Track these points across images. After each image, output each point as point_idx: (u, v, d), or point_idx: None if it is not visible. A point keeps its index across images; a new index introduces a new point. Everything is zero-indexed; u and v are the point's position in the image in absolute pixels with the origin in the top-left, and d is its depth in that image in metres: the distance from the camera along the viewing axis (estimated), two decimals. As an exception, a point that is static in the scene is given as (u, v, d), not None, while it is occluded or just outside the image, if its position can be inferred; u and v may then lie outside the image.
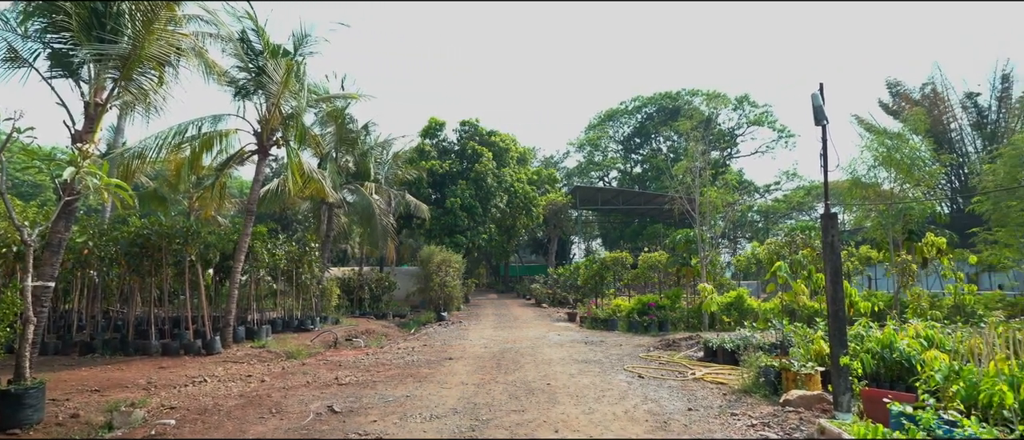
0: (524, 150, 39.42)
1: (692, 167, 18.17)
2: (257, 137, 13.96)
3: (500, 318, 21.98)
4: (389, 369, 10.47)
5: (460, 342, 14.56)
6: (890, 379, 7.25)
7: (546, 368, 10.35)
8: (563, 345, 13.64)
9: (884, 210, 14.24)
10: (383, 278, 23.97)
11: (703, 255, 17.63)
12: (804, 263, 13.88)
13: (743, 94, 46.62)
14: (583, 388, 8.53)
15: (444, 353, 12.55)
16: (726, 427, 6.39)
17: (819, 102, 6.65)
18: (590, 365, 10.65)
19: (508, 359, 11.51)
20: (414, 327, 18.88)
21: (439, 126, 33.75)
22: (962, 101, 34.26)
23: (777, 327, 10.11)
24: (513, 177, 34.36)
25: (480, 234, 31.37)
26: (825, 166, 6.67)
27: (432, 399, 7.89)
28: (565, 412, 7.09)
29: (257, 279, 15.44)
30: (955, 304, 13.61)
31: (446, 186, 31.29)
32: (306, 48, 14.65)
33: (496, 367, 10.55)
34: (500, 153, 33.67)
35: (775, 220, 40.17)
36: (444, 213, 30.03)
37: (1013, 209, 15.01)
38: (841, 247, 10.51)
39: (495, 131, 34.55)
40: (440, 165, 31.10)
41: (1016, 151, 15.80)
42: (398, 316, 21.95)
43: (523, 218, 36.20)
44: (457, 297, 24.82)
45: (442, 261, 23.78)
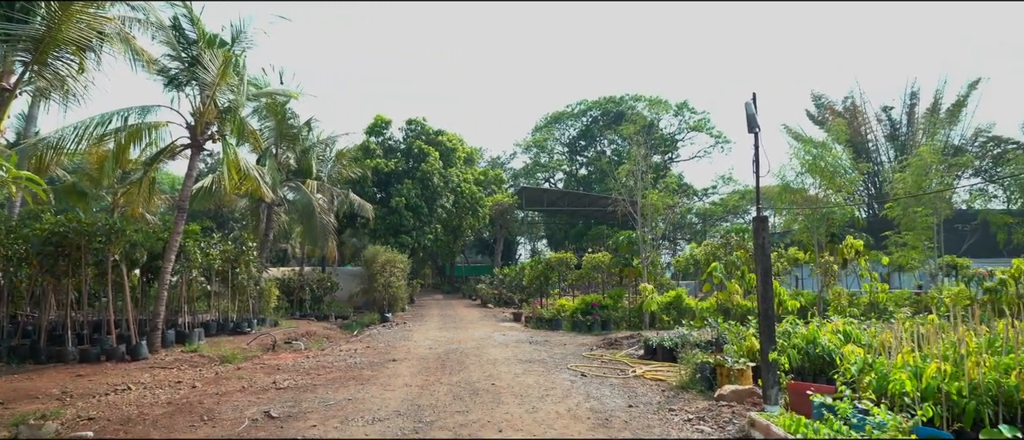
0: (471, 150, 39.35)
1: (635, 170, 18.70)
2: (190, 131, 13.28)
3: (445, 318, 21.86)
4: (330, 372, 10.21)
5: (404, 343, 14.39)
6: (814, 372, 7.73)
7: (491, 368, 10.39)
8: (508, 345, 13.72)
9: (810, 214, 15.17)
10: (325, 278, 23.32)
11: (644, 256, 18.18)
12: (738, 264, 14.56)
13: (683, 101, 48.35)
14: (527, 387, 8.62)
15: (388, 354, 12.36)
16: (664, 422, 6.63)
17: (752, 111, 7.01)
18: (534, 364, 10.77)
19: (453, 360, 11.47)
20: (357, 328, 18.48)
21: (385, 124, 33.18)
22: (877, 114, 36.99)
23: (712, 325, 10.57)
24: (460, 177, 34.24)
25: (426, 234, 31.07)
26: (757, 172, 7.03)
27: (375, 401, 7.76)
28: (509, 412, 7.14)
29: (189, 280, 14.67)
30: (870, 302, 14.65)
31: (392, 185, 30.79)
32: (244, 40, 14.07)
33: (441, 368, 10.49)
34: (447, 153, 33.48)
35: (712, 222, 41.90)
36: (389, 212, 29.55)
37: (919, 215, 16.34)
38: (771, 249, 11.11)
39: (442, 131, 34.32)
40: (385, 164, 30.59)
41: (921, 162, 17.21)
42: (341, 317, 21.42)
43: (469, 218, 36.13)
44: (402, 298, 24.48)
45: (387, 261, 23.39)
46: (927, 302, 13.22)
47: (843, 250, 14.64)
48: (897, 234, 17.70)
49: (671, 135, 49.10)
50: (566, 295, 22.40)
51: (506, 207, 39.69)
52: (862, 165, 18.87)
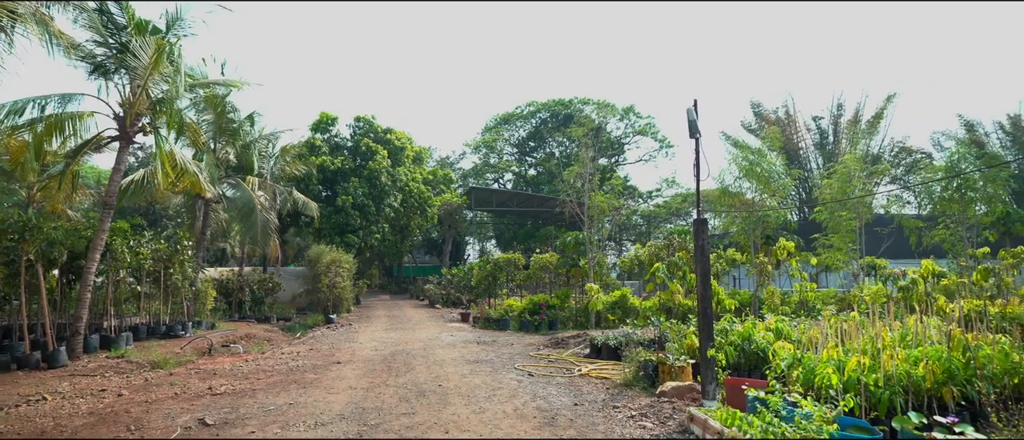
0: (420, 149, 38.93)
1: (582, 172, 19.02)
2: (119, 122, 12.51)
3: (392, 320, 21.53)
4: (271, 376, 9.87)
5: (350, 345, 14.08)
6: (749, 368, 8.12)
7: (438, 369, 10.32)
8: (456, 346, 13.67)
9: (747, 217, 15.90)
10: (266, 279, 22.48)
11: (591, 256, 18.52)
12: (680, 264, 15.08)
13: (630, 105, 49.52)
14: (474, 388, 8.62)
15: (332, 357, 12.06)
16: (608, 419, 6.79)
17: (693, 117, 7.28)
18: (482, 365, 10.78)
19: (399, 361, 11.33)
20: (300, 331, 17.92)
21: (331, 121, 32.35)
22: (807, 124, 39.19)
23: (655, 324, 10.90)
24: (408, 176, 33.81)
25: (373, 234, 30.50)
26: (697, 176, 7.31)
27: (318, 405, 7.56)
28: (456, 413, 7.13)
29: (116, 281, 13.80)
30: (800, 300, 15.51)
31: (338, 183, 30.05)
32: (181, 28, 13.38)
33: (387, 370, 10.34)
34: (395, 151, 32.99)
35: (656, 224, 43.16)
36: (335, 211, 28.82)
37: (843, 219, 17.44)
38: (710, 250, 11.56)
39: (391, 129, 33.79)
40: (331, 161, 29.82)
41: (846, 169, 18.38)
42: (283, 319, 20.72)
43: (418, 218, 35.73)
44: (347, 299, 23.94)
45: (332, 261, 22.81)
46: (850, 300, 14.10)
47: (777, 252, 15.42)
48: (824, 236, 18.80)
49: (618, 138, 50.20)
50: (514, 295, 22.52)
51: (455, 207, 39.50)
52: (794, 171, 20.00)
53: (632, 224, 44.72)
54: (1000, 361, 6.24)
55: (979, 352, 6.31)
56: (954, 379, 6.09)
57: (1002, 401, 5.33)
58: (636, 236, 43.68)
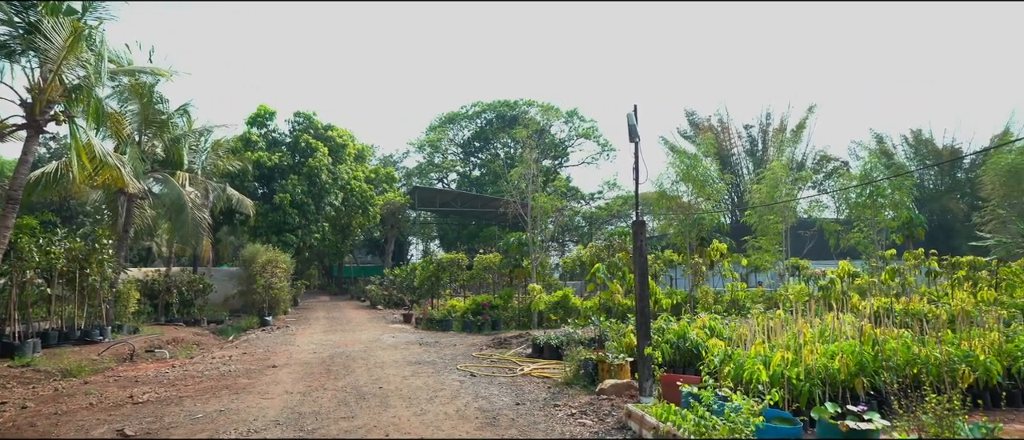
0: (362, 147, 38.08)
1: (526, 173, 19.20)
2: (26, 109, 11.53)
3: (332, 321, 20.96)
4: (200, 382, 9.39)
5: (286, 348, 13.59)
6: (684, 364, 8.45)
7: (379, 371, 10.14)
8: (397, 347, 13.48)
9: (683, 219, 16.55)
10: (196, 280, 21.34)
11: (534, 257, 18.72)
12: (620, 265, 15.49)
13: (573, 109, 50.35)
14: (416, 389, 8.53)
15: (267, 361, 11.61)
16: (549, 418, 6.89)
17: (633, 122, 7.50)
18: (424, 366, 10.68)
19: (339, 364, 11.05)
20: (233, 334, 17.13)
21: (269, 115, 31.10)
22: (739, 131, 41.21)
23: (595, 323, 11.14)
24: (350, 174, 33.00)
25: (312, 233, 29.56)
26: (636, 179, 7.55)
27: (251, 412, 7.27)
28: (397, 415, 7.03)
29: (22, 282, 12.69)
30: (732, 299, 16.28)
31: (276, 180, 28.92)
32: (101, 10, 12.49)
33: (325, 373, 10.06)
34: (337, 149, 32.11)
35: (598, 225, 44.08)
36: (272, 209, 27.74)
37: (771, 222, 18.48)
38: (649, 251, 11.90)
39: (332, 125, 32.87)
40: (269, 157, 28.67)
41: (773, 175, 19.49)
42: (214, 322, 19.73)
43: (359, 217, 34.94)
44: (285, 300, 23.09)
45: (268, 261, 21.94)
46: (776, 299, 14.94)
47: (710, 253, 16.13)
48: (754, 239, 19.85)
49: (562, 141, 50.94)
50: (458, 296, 22.43)
51: (398, 206, 38.90)
52: (727, 176, 21.02)
53: (575, 225, 45.49)
54: (903, 353, 6.80)
55: (885, 346, 6.84)
56: (865, 371, 6.59)
57: (903, 389, 5.80)
58: (579, 237, 44.45)
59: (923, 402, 4.50)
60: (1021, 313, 10.04)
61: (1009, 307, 10.64)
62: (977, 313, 8.90)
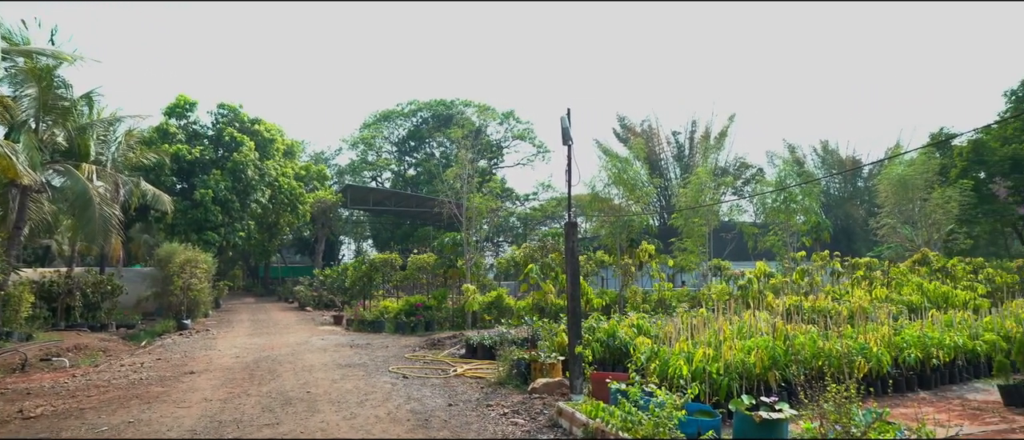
0: (292, 143, 36.64)
1: (462, 173, 19.17)
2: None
3: (257, 324, 20.03)
4: (106, 391, 8.72)
5: (206, 353, 12.87)
6: (613, 362, 8.73)
7: (307, 375, 9.81)
8: (327, 350, 13.09)
9: (615, 221, 17.08)
10: (104, 281, 19.74)
11: (469, 257, 18.72)
12: (553, 265, 15.78)
13: (510, 110, 50.70)
14: (346, 393, 8.33)
15: (184, 367, 10.95)
16: (482, 418, 6.92)
17: (566, 125, 7.68)
18: (354, 369, 10.43)
19: (264, 368, 10.59)
20: (146, 339, 16.00)
21: (190, 106, 29.28)
22: (668, 137, 43.03)
23: (528, 323, 11.30)
24: (278, 171, 31.65)
25: (237, 231, 28.11)
26: (569, 181, 7.74)
27: (165, 422, 6.84)
28: (325, 420, 6.84)
29: None
30: (659, 298, 16.97)
31: (196, 175, 27.27)
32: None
33: (249, 378, 9.61)
34: (264, 144, 30.70)
35: (533, 226, 44.62)
36: (193, 206, 26.14)
37: (696, 225, 19.44)
38: (581, 252, 12.19)
39: (259, 119, 31.40)
40: (189, 151, 26.99)
41: (698, 180, 20.52)
42: (125, 326, 18.34)
43: (288, 215, 33.58)
44: (205, 302, 21.81)
45: (187, 261, 20.65)
46: (700, 298, 15.72)
47: (640, 254, 16.73)
48: (680, 240, 20.77)
49: (497, 142, 51.16)
50: (391, 296, 22.05)
51: (329, 205, 37.72)
52: (655, 180, 21.90)
53: (510, 226, 45.83)
54: (810, 348, 7.35)
55: (795, 341, 7.38)
56: (777, 364, 7.08)
57: (809, 381, 6.28)
58: (513, 238, 44.81)
59: (825, 392, 4.89)
60: (907, 309, 11.10)
61: (898, 303, 11.74)
62: (872, 309, 9.76)
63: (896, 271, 16.77)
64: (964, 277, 16.42)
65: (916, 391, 7.97)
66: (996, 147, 26.11)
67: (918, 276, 16.10)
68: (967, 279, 16.17)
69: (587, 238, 28.09)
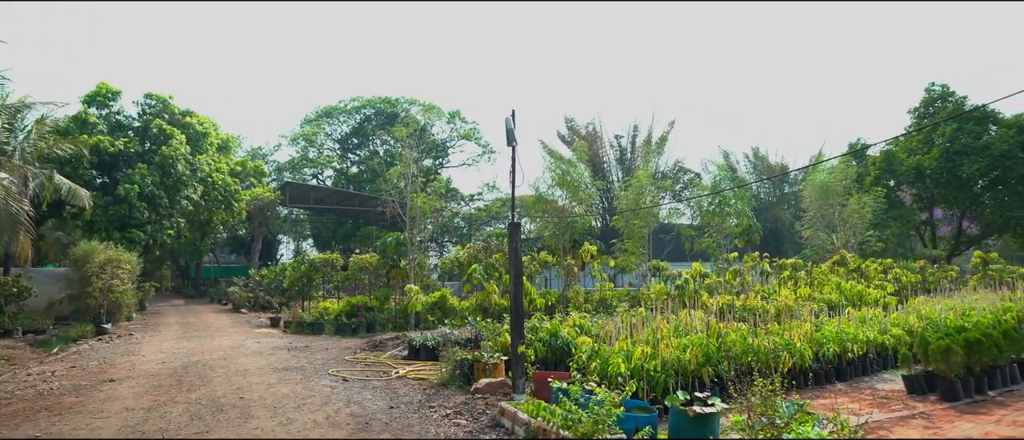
0: (227, 137, 34.97)
1: (406, 173, 18.93)
2: None
3: (187, 327, 19.01)
4: (9, 404, 8.04)
5: (128, 359, 12.10)
6: (556, 361, 8.86)
7: (240, 380, 9.41)
8: (263, 353, 12.60)
9: (558, 222, 17.35)
10: (9, 283, 18.16)
11: (412, 257, 18.50)
12: (496, 266, 15.84)
13: (456, 110, 50.41)
14: (282, 398, 8.05)
15: (103, 374, 10.25)
16: (424, 420, 6.87)
17: (511, 126, 7.74)
18: (292, 372, 10.10)
19: (193, 374, 10.07)
20: (59, 345, 14.83)
21: (113, 95, 27.37)
22: (611, 141, 44.09)
23: (472, 323, 11.29)
24: (212, 166, 30.11)
25: (165, 230, 26.53)
26: (513, 182, 7.80)
27: (78, 435, 6.38)
28: (260, 426, 6.59)
29: None
30: (601, 298, 17.36)
31: (120, 169, 25.54)
32: None
33: (177, 385, 9.11)
34: (197, 137, 29.12)
35: (477, 226, 44.60)
36: (115, 202, 24.45)
37: (636, 226, 20.04)
38: (524, 253, 12.29)
39: (191, 111, 29.76)
40: (111, 143, 25.23)
41: (639, 183, 21.17)
42: (34, 332, 16.96)
43: (222, 213, 32.03)
44: (128, 304, 20.48)
45: (108, 260, 19.31)
46: (640, 297, 16.21)
47: (582, 255, 17.07)
48: (621, 242, 21.35)
49: (443, 141, 50.78)
50: (331, 297, 21.49)
51: (267, 203, 36.30)
52: (598, 182, 22.39)
53: (454, 226, 45.59)
54: (740, 344, 7.73)
55: (727, 338, 7.74)
56: (710, 361, 7.40)
57: (739, 376, 6.61)
58: (458, 238, 44.62)
59: (752, 386, 5.16)
60: (827, 307, 11.88)
61: (819, 302, 12.53)
62: (796, 307, 10.38)
63: (818, 271, 17.89)
64: (876, 277, 17.71)
65: (834, 383, 8.54)
66: (903, 158, 28.40)
67: (837, 276, 17.24)
68: (878, 279, 17.46)
69: (531, 239, 28.36)
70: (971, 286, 16.76)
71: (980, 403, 7.35)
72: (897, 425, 6.38)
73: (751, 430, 4.88)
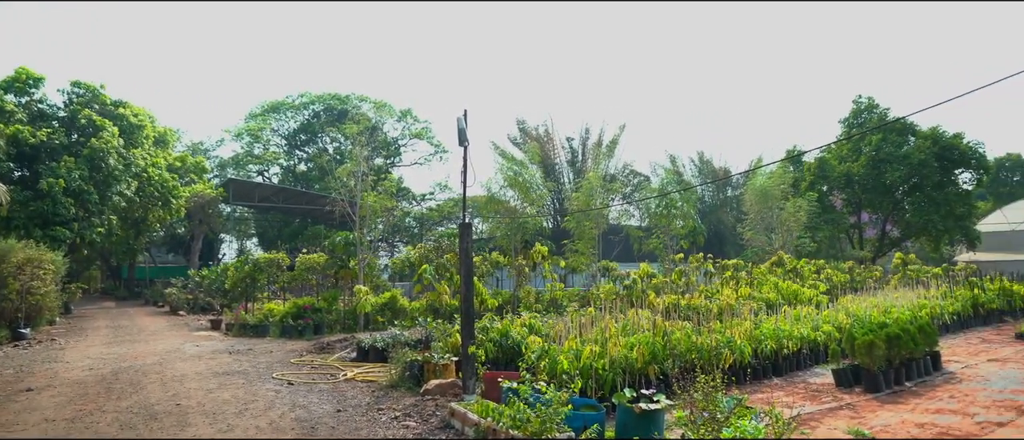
0: (165, 130, 33.26)
1: (356, 171, 18.55)
2: None
3: (118, 331, 17.95)
4: (-84, 415, 7.39)
5: (50, 366, 11.31)
6: (506, 361, 8.90)
7: (177, 386, 8.98)
8: (202, 357, 12.06)
9: (510, 223, 17.42)
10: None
11: (362, 257, 18.15)
12: (448, 266, 15.75)
13: (408, 108, 49.83)
14: (222, 403, 7.74)
15: (20, 383, 9.55)
16: (372, 423, 6.76)
17: (463, 126, 7.73)
18: (233, 377, 9.72)
19: (124, 380, 9.53)
20: (-31, 352, 13.72)
21: (34, 81, 25.53)
22: (562, 143, 44.63)
23: (422, 324, 11.19)
24: (148, 160, 28.55)
25: (95, 227, 24.95)
26: (464, 182, 7.79)
27: (-4, 446, 5.94)
28: (197, 433, 6.32)
29: None
30: (551, 298, 17.55)
31: (42, 162, 23.84)
32: None
33: (105, 393, 8.60)
34: (131, 129, 27.53)
35: (429, 226, 44.20)
36: (36, 197, 22.81)
37: (586, 228, 20.38)
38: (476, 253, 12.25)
39: (124, 101, 28.13)
40: (32, 133, 23.54)
41: (590, 185, 21.55)
42: (-63, 339, 15.59)
43: (158, 210, 30.42)
44: (51, 307, 19.14)
45: (27, 260, 17.97)
46: (590, 297, 16.48)
47: (534, 255, 17.20)
48: (572, 242, 21.65)
49: (395, 140, 50.08)
50: (277, 299, 20.80)
51: (208, 200, 34.77)
52: (549, 183, 22.64)
53: (405, 226, 45.02)
54: (684, 342, 8.00)
55: (672, 337, 7.99)
56: (656, 359, 7.62)
57: (683, 373, 6.85)
58: (409, 238, 44.08)
59: (695, 382, 5.36)
60: (766, 305, 12.45)
61: (758, 300, 13.11)
62: (737, 306, 10.82)
63: (758, 272, 18.71)
64: (810, 277, 18.70)
65: (771, 378, 8.96)
66: (835, 165, 30.16)
67: (775, 276, 18.08)
68: (812, 278, 18.44)
69: (483, 239, 28.36)
70: (892, 285, 17.95)
71: (899, 393, 7.89)
72: (826, 416, 6.76)
73: (693, 425, 5.06)
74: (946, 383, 8.51)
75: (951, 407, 7.11)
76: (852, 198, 30.83)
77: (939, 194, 27.80)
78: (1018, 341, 12.41)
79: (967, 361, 10.17)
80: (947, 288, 15.84)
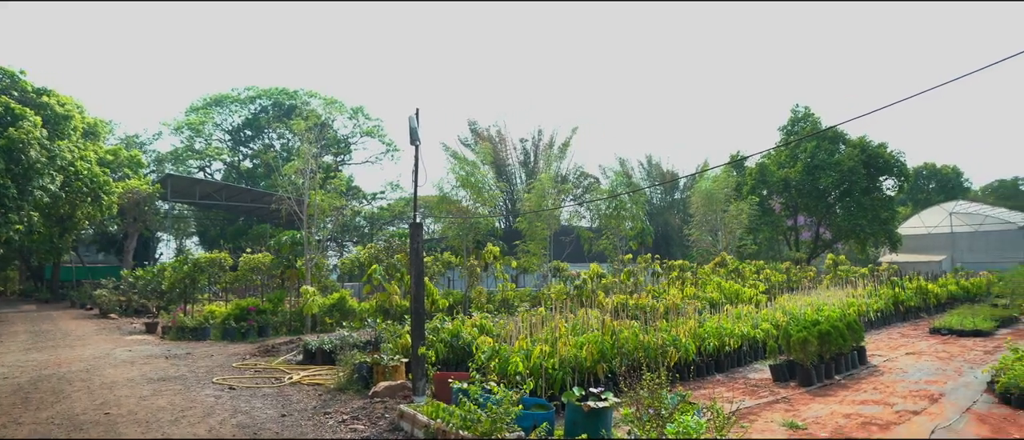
0: (95, 121, 31.33)
1: (304, 168, 18.04)
2: None
3: (39, 336, 16.76)
4: None
5: (-39, 374, 10.45)
6: (457, 362, 8.86)
7: (106, 393, 8.48)
8: (135, 362, 11.42)
9: (462, 223, 17.36)
10: None
11: (309, 257, 17.66)
12: (398, 266, 15.55)
13: (359, 106, 48.86)
14: (157, 411, 7.36)
15: (-73, 393, 8.78)
16: (318, 427, 6.59)
17: (414, 125, 7.65)
18: (170, 383, 9.26)
19: (45, 389, 8.91)
20: None
21: (-56, 67, 23.56)
22: (515, 144, 44.86)
23: (371, 325, 11.00)
24: (76, 153, 26.78)
25: (12, 224, 23.18)
26: (415, 181, 7.72)
27: None
28: (129, 443, 5.98)
29: None
30: (503, 298, 17.60)
31: (-48, 154, 21.98)
32: None
33: (22, 403, 8.01)
34: (56, 120, 25.77)
35: (380, 226, 43.47)
36: (-56, 191, 21.03)
37: (538, 228, 20.57)
38: (427, 253, 12.13)
39: (49, 89, 26.31)
40: (-59, 123, 21.68)
41: (541, 186, 21.77)
42: None
43: (87, 207, 28.58)
44: (-39, 311, 17.69)
45: (-66, 261, 16.57)
46: (541, 297, 16.63)
47: (485, 255, 17.20)
48: (524, 243, 21.80)
49: (345, 137, 48.99)
50: (219, 300, 19.95)
51: (144, 196, 32.94)
52: (501, 184, 22.73)
53: (355, 225, 44.11)
54: (632, 341, 8.19)
55: (620, 335, 8.16)
56: (605, 357, 7.77)
57: (630, 371, 7.00)
58: (359, 237, 43.23)
59: (641, 380, 5.49)
60: (709, 304, 12.91)
61: (702, 300, 13.58)
62: (682, 305, 11.18)
63: (702, 272, 19.37)
64: (750, 277, 19.52)
65: (714, 374, 9.30)
66: (774, 170, 31.63)
67: (718, 276, 18.78)
68: (752, 278, 19.26)
69: (434, 239, 28.14)
70: (825, 284, 18.97)
71: (829, 386, 8.36)
72: (764, 410, 7.08)
73: (639, 422, 5.19)
74: (871, 376, 9.08)
75: (874, 398, 7.60)
76: (789, 202, 32.43)
77: (866, 199, 29.63)
78: (932, 336, 13.43)
79: (888, 355, 10.90)
80: (872, 287, 16.91)
